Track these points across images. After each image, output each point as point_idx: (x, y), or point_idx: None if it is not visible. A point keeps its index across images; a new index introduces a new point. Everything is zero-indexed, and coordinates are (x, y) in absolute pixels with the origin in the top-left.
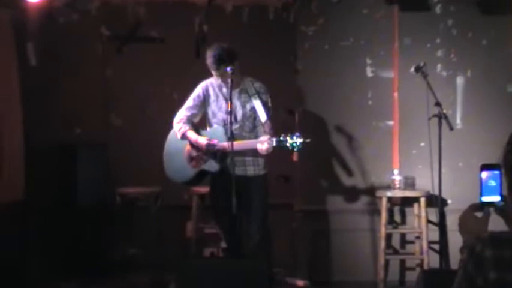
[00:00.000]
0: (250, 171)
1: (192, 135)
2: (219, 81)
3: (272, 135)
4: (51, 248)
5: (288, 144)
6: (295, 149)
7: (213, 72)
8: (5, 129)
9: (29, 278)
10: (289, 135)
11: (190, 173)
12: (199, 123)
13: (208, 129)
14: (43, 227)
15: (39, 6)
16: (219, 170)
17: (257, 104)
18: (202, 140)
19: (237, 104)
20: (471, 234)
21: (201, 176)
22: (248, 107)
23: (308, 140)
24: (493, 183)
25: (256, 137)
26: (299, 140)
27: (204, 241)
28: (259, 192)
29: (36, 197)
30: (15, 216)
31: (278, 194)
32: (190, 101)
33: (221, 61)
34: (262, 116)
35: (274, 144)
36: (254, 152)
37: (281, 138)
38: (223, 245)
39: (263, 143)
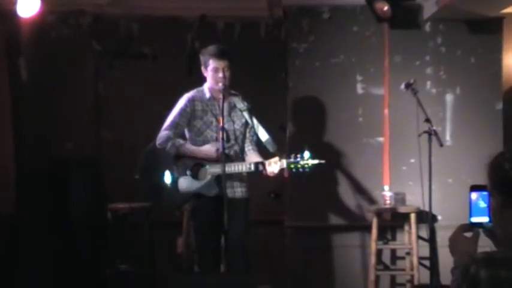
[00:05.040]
0: (238, 193)
1: (193, 147)
2: (206, 93)
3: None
4: (41, 263)
5: (299, 166)
6: (307, 170)
7: (213, 63)
8: None
9: None
10: (299, 154)
11: (185, 196)
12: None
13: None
14: (33, 242)
15: (31, 21)
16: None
17: (252, 120)
18: (207, 148)
19: (228, 120)
20: (461, 254)
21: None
22: (239, 123)
23: (323, 162)
24: (482, 204)
25: (244, 158)
26: (312, 162)
27: (195, 256)
28: (244, 217)
29: (27, 212)
30: (5, 230)
31: (269, 210)
32: (176, 117)
33: (224, 52)
34: (263, 134)
35: (285, 165)
36: (241, 174)
37: (291, 159)
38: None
39: (272, 165)
